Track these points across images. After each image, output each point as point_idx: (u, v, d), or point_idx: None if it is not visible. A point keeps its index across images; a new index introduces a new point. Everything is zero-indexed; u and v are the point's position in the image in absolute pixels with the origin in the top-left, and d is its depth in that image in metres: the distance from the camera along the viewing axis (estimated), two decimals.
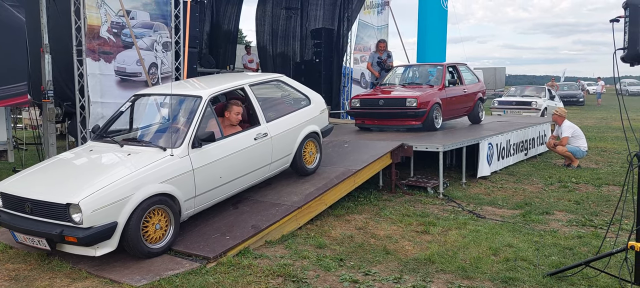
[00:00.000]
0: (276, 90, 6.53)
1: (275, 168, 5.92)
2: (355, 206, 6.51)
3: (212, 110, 5.26)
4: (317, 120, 6.56)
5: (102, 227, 4.09)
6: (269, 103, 6.13)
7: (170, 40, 9.92)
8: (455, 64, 10.44)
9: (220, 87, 5.57)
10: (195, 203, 4.86)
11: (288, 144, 6.02)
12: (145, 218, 4.40)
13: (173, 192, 4.58)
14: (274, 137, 5.74)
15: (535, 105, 17.26)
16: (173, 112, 5.29)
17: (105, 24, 9.01)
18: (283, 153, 5.97)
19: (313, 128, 6.42)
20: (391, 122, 9.27)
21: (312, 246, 4.96)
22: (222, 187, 5.14)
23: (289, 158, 6.11)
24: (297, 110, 6.31)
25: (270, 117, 5.82)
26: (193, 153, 4.82)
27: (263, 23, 15.85)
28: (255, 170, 5.56)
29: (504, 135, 9.02)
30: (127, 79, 9.46)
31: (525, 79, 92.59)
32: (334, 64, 15.14)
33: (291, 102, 6.49)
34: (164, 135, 5.06)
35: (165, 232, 4.57)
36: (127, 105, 5.63)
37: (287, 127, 5.99)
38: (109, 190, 4.20)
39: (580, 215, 6.12)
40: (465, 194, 7.25)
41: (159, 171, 4.54)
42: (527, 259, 4.60)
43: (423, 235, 5.37)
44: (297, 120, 6.18)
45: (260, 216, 5.23)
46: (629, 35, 3.65)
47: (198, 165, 4.83)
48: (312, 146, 6.46)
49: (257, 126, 5.63)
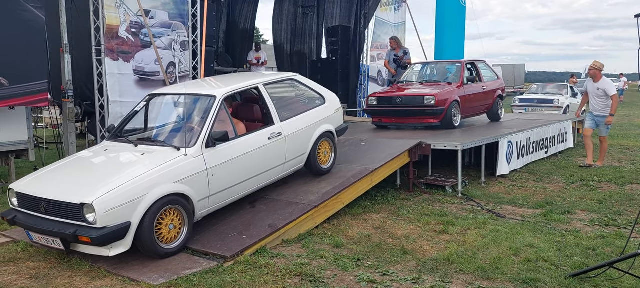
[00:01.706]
0: (291, 89, 6.48)
1: (289, 168, 5.87)
2: (373, 205, 6.45)
3: (226, 109, 5.24)
4: (331, 120, 6.49)
5: (116, 227, 4.09)
6: (283, 102, 6.10)
7: (188, 39, 9.99)
8: (474, 61, 10.31)
9: (234, 87, 5.54)
10: (209, 203, 4.84)
11: (302, 144, 5.98)
12: (159, 218, 4.38)
13: (187, 192, 4.56)
14: (288, 136, 5.70)
15: (557, 103, 16.98)
16: (187, 112, 5.27)
17: (124, 24, 9.10)
18: (297, 153, 5.92)
19: (328, 127, 6.36)
20: (409, 120, 9.19)
21: (329, 245, 4.93)
22: (236, 187, 5.11)
23: (304, 158, 6.06)
24: (312, 109, 6.26)
25: (284, 116, 5.78)
26: (207, 153, 4.80)
27: (280, 21, 15.86)
28: (270, 170, 5.53)
29: (524, 133, 8.87)
30: (145, 78, 9.54)
31: (544, 75, 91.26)
32: (351, 62, 15.09)
33: (305, 101, 6.44)
34: (178, 134, 5.04)
35: (179, 232, 4.55)
36: (142, 104, 5.64)
37: (301, 126, 5.95)
38: (122, 190, 4.18)
39: (603, 215, 5.98)
40: (484, 193, 7.14)
41: (172, 171, 4.52)
42: (548, 260, 4.51)
43: (442, 235, 5.30)
44: (311, 120, 6.13)
45: (277, 215, 5.22)
46: None
47: (212, 165, 4.80)
48: (327, 146, 6.40)
49: (271, 125, 5.59)
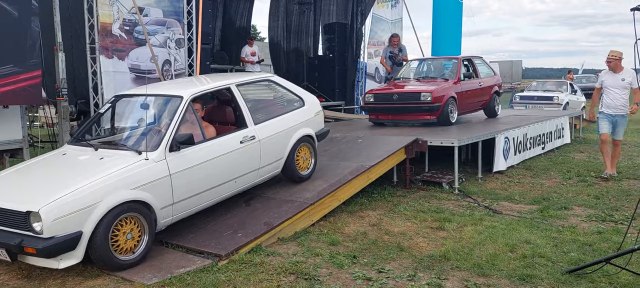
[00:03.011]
0: (268, 90, 6.22)
1: (264, 173, 5.56)
2: (369, 202, 6.43)
3: (193, 111, 4.95)
4: (311, 123, 6.18)
5: (65, 237, 3.81)
6: (258, 104, 5.85)
7: (183, 36, 9.94)
8: (471, 57, 10.28)
9: (203, 87, 5.26)
10: (173, 211, 4.54)
11: (279, 148, 5.67)
12: (115, 227, 4.10)
13: (147, 199, 4.26)
14: (262, 140, 5.39)
15: (557, 100, 17.04)
16: (152, 114, 5.00)
17: (117, 22, 9.05)
18: (273, 158, 5.61)
19: (307, 131, 6.05)
20: (405, 117, 9.17)
21: (325, 243, 4.90)
22: (204, 194, 4.79)
23: (280, 163, 5.75)
24: (289, 112, 5.96)
25: (258, 119, 5.48)
26: (170, 157, 4.49)
27: (276, 18, 15.80)
28: (242, 176, 5.21)
29: (521, 129, 8.86)
30: (142, 75, 9.49)
31: (542, 71, 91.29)
32: (348, 59, 15.05)
33: (283, 103, 6.15)
34: (140, 138, 4.74)
35: (138, 242, 4.26)
36: (107, 106, 5.41)
37: (277, 129, 5.64)
38: (72, 197, 3.91)
39: (600, 210, 5.97)
40: (481, 189, 7.12)
41: (131, 176, 4.22)
42: (545, 256, 4.48)
43: (438, 232, 5.27)
44: (288, 123, 5.82)
45: (272, 213, 5.19)
46: None
47: (176, 170, 4.49)
48: (306, 151, 6.10)
49: (244, 128, 5.28)
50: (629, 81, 7.52)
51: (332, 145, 7.65)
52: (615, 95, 7.59)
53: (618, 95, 7.58)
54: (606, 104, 7.76)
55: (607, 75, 7.74)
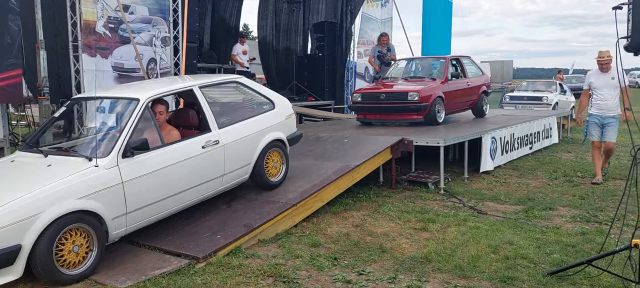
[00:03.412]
0: (235, 93, 5.93)
1: (229, 180, 5.26)
2: (354, 202, 6.36)
3: (151, 114, 4.67)
4: (282, 127, 5.91)
5: (1, 251, 3.55)
6: (224, 107, 5.62)
7: (169, 35, 9.83)
8: (459, 57, 10.25)
9: (162, 89, 4.98)
10: (127, 221, 4.25)
11: (246, 153, 5.39)
12: (60, 239, 3.82)
13: (96, 208, 3.98)
14: (227, 145, 5.09)
15: (546, 101, 17.13)
16: (106, 117, 4.76)
17: (101, 19, 8.92)
18: (239, 164, 5.31)
19: (277, 135, 5.77)
20: (393, 117, 9.12)
21: (307, 245, 4.83)
22: (162, 202, 4.51)
23: (248, 169, 5.45)
24: (258, 115, 5.68)
25: (223, 122, 5.21)
26: (123, 163, 4.21)
27: (265, 17, 15.70)
28: (204, 183, 4.91)
29: (508, 129, 8.83)
30: (125, 74, 9.36)
31: (533, 71, 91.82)
32: (338, 58, 14.99)
33: (252, 106, 5.87)
34: (91, 143, 4.44)
35: (86, 254, 3.99)
36: (62, 110, 5.18)
37: (244, 133, 5.35)
38: (10, 208, 3.64)
39: (584, 211, 5.94)
40: (467, 189, 7.08)
41: (78, 185, 3.94)
42: (527, 257, 4.44)
43: (421, 233, 5.22)
44: (257, 127, 5.53)
45: (253, 214, 5.11)
46: (632, 23, 3.47)
47: (129, 178, 4.21)
48: (277, 156, 5.82)
49: (206, 133, 5.00)
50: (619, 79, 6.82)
51: (318, 145, 7.58)
52: (605, 96, 7.27)
53: (608, 95, 7.26)
54: (596, 105, 7.41)
55: (595, 76, 7.41)
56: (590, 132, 7.57)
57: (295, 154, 7.21)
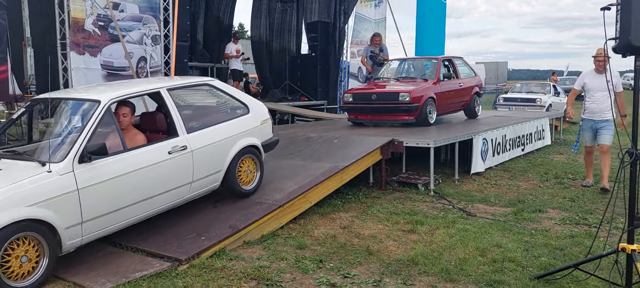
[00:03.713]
0: (207, 96, 5.63)
1: (198, 188, 4.97)
2: (343, 204, 6.30)
3: (113, 118, 4.43)
4: (256, 132, 5.62)
5: None
6: (194, 111, 5.37)
7: (160, 33, 9.74)
8: (451, 58, 10.22)
9: (126, 91, 4.70)
10: (83, 231, 3.98)
11: (216, 160, 5.10)
12: (7, 249, 3.58)
13: (47, 217, 3.72)
14: (196, 150, 4.82)
15: (539, 102, 17.18)
16: (65, 120, 4.45)
17: (91, 17, 8.84)
18: (209, 171, 5.03)
19: (251, 141, 5.48)
20: (384, 117, 9.07)
21: (292, 246, 4.76)
22: (123, 211, 4.25)
23: (219, 177, 5.18)
24: (231, 119, 5.40)
25: (193, 127, 4.93)
26: (80, 169, 3.94)
27: (258, 16, 15.62)
28: (170, 191, 4.64)
29: (499, 130, 8.80)
30: (115, 73, 9.28)
31: (528, 73, 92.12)
32: (331, 58, 14.94)
33: (224, 110, 5.58)
34: (46, 147, 4.12)
35: (36, 265, 3.75)
36: (21, 111, 4.94)
37: (214, 139, 5.06)
38: None
39: (574, 213, 5.90)
40: (457, 191, 7.03)
41: (28, 191, 3.68)
42: (515, 260, 4.39)
43: (409, 235, 5.16)
44: (229, 132, 5.26)
45: (239, 215, 5.03)
46: (620, 24, 3.43)
47: (86, 185, 3.94)
48: (250, 163, 5.53)
49: (174, 137, 4.72)
50: (614, 83, 6.60)
51: (307, 145, 7.52)
52: (600, 98, 6.87)
53: (602, 98, 6.87)
54: (589, 109, 7.07)
55: (589, 77, 7.04)
56: (583, 137, 7.28)
57: (284, 154, 7.16)
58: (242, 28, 39.22)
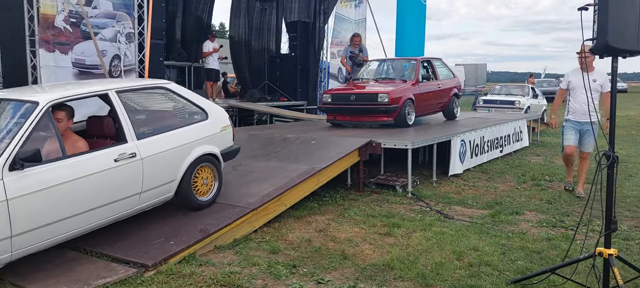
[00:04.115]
0: (163, 100, 5.24)
1: (149, 199, 4.63)
2: (319, 206, 6.18)
3: (53, 122, 4.05)
4: (215, 140, 5.28)
5: None
6: (146, 116, 5.00)
7: (134, 31, 9.51)
8: (430, 59, 10.19)
9: (68, 93, 4.30)
10: (12, 246, 3.61)
11: (170, 169, 4.74)
12: None
13: None
14: (146, 158, 4.46)
15: (518, 105, 17.38)
16: None
17: (62, 13, 8.58)
18: (161, 180, 4.67)
19: (209, 149, 5.14)
20: (363, 118, 8.99)
21: (265, 251, 4.62)
22: (60, 224, 3.87)
23: (172, 187, 4.81)
24: (187, 125, 5.05)
25: (144, 133, 4.58)
26: (10, 177, 3.58)
27: (238, 15, 15.44)
28: (117, 202, 4.28)
29: (478, 132, 8.77)
30: (86, 71, 9.03)
31: (507, 75, 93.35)
32: (311, 58, 14.82)
33: (181, 115, 5.21)
34: None
35: None
36: None
37: (168, 146, 4.71)
38: None
39: (551, 216, 5.87)
40: (435, 193, 6.96)
41: None
42: (491, 264, 4.31)
43: (386, 238, 5.06)
44: (185, 139, 4.90)
45: (211, 219, 4.87)
46: (597, 24, 3.37)
47: (17, 194, 3.58)
48: (208, 172, 5.19)
49: (122, 144, 4.37)
50: (600, 83, 6.37)
51: (284, 146, 7.38)
52: (584, 99, 6.22)
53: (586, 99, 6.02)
54: (573, 109, 6.62)
55: (575, 75, 6.49)
56: (565, 137, 6.77)
57: (260, 156, 7.02)
58: (223, 27, 38.92)
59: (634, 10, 3.34)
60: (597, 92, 6.41)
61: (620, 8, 3.31)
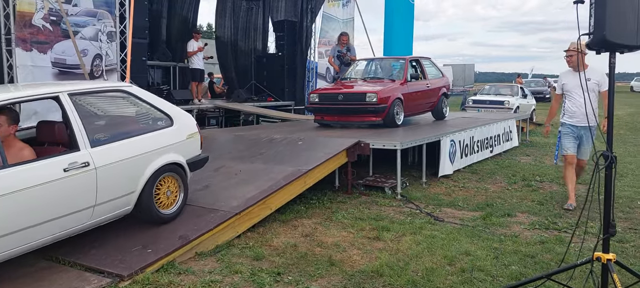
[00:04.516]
0: (124, 104, 4.80)
1: (104, 213, 4.18)
2: (306, 209, 5.98)
3: None
4: (181, 148, 4.85)
5: None
6: (103, 121, 4.60)
7: (115, 29, 9.24)
8: (418, 58, 10.04)
9: (10, 95, 3.93)
10: None
11: (128, 179, 4.32)
12: None
13: None
14: (100, 168, 4.03)
15: (507, 105, 17.37)
16: None
17: (41, 11, 8.30)
18: (118, 192, 4.25)
19: (173, 158, 4.71)
20: (351, 118, 8.81)
21: (249, 258, 4.41)
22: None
23: (131, 199, 4.38)
24: (149, 132, 4.64)
25: (99, 139, 4.17)
26: None
27: (223, 15, 15.19)
28: (66, 216, 3.86)
29: (467, 132, 8.63)
30: (67, 71, 8.75)
31: (494, 75, 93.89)
32: (298, 58, 14.63)
33: (143, 121, 4.80)
34: None
35: None
36: None
37: (126, 154, 4.29)
38: None
39: (543, 217, 5.72)
40: (424, 194, 6.80)
41: None
42: (484, 269, 4.15)
43: (374, 242, 4.88)
44: (146, 146, 4.48)
45: (191, 224, 4.65)
46: (594, 18, 3.21)
47: None
48: (172, 183, 4.77)
49: (74, 152, 3.96)
50: (595, 81, 5.84)
51: (270, 147, 7.17)
52: (581, 100, 5.77)
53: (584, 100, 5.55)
54: (570, 112, 6.05)
55: (568, 77, 6.03)
56: (563, 144, 6.16)
57: (245, 157, 6.81)
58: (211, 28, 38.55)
59: (633, 3, 3.18)
60: (593, 92, 5.86)
61: (618, 1, 3.16)
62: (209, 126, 12.58)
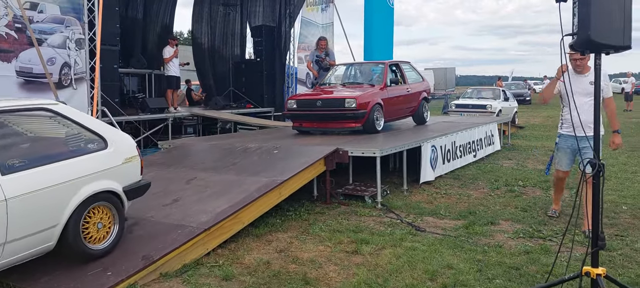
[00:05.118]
0: (47, 125, 4.27)
1: (17, 251, 3.59)
2: (281, 222, 5.71)
3: None
4: (116, 174, 4.31)
5: None
6: (20, 144, 4.06)
7: (84, 37, 8.89)
8: (398, 62, 9.86)
9: None
10: None
11: (48, 211, 3.75)
12: None
13: None
14: (12, 199, 3.49)
15: (490, 108, 17.35)
16: None
17: (5, 19, 7.94)
18: (36, 227, 3.67)
19: (107, 185, 4.18)
20: (330, 125, 8.57)
21: (217, 278, 4.13)
22: None
23: (52, 234, 3.79)
24: (76, 156, 4.08)
25: (13, 166, 3.62)
26: None
27: (200, 21, 14.89)
28: None
29: (449, 137, 8.45)
30: (34, 80, 8.39)
31: (475, 79, 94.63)
32: (277, 63, 14.38)
33: (69, 144, 4.23)
34: None
35: None
36: None
37: (46, 183, 3.73)
38: None
39: (527, 225, 5.53)
40: (405, 203, 6.57)
41: None
42: (467, 284, 3.93)
43: (352, 257, 4.62)
44: (72, 173, 3.93)
45: (156, 242, 4.35)
46: (578, 17, 3.02)
47: None
48: (105, 214, 4.21)
49: None
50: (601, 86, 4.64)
51: (245, 156, 6.89)
52: (583, 106, 4.93)
53: (585, 106, 4.97)
54: (569, 121, 5.23)
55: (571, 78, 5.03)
56: (559, 159, 5.60)
57: (217, 168, 6.52)
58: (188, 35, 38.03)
59: (619, 1, 3.00)
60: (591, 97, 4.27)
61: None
62: (185, 135, 12.24)
